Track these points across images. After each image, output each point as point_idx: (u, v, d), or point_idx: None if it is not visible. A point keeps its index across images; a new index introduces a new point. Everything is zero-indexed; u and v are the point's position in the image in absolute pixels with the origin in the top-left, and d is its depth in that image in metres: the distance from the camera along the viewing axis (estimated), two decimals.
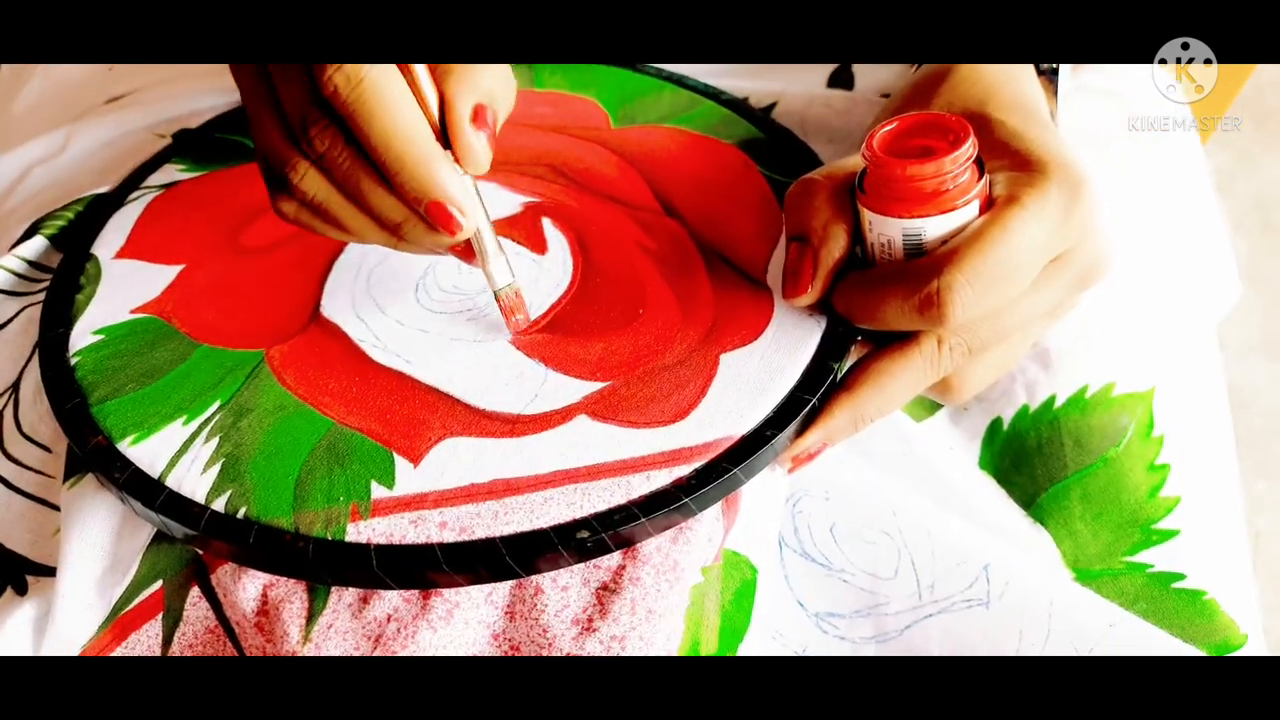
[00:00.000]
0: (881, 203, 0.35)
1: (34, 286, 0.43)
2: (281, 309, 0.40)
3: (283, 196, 0.35)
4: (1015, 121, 0.36)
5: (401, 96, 0.32)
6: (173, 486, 0.35)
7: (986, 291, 0.33)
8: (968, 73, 0.39)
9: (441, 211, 0.33)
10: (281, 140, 0.33)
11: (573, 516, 0.33)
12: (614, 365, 0.37)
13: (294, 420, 0.36)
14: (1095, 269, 0.35)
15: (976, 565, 0.37)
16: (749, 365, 0.37)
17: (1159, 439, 0.41)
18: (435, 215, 0.33)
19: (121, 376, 0.38)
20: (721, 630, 0.34)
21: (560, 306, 0.39)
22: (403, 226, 0.34)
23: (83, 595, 0.35)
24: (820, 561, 0.38)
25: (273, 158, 0.34)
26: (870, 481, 0.38)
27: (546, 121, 0.48)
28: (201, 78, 0.53)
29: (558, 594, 0.34)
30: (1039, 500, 0.40)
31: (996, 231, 0.33)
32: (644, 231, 0.42)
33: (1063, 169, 0.34)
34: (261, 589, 0.35)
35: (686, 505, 0.33)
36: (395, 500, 0.34)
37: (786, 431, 0.35)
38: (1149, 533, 0.40)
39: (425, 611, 0.33)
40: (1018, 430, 0.41)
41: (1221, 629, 0.39)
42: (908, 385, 0.36)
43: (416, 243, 0.35)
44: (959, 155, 0.33)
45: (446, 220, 0.33)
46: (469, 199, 0.33)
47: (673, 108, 0.48)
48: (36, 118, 0.56)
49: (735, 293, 0.39)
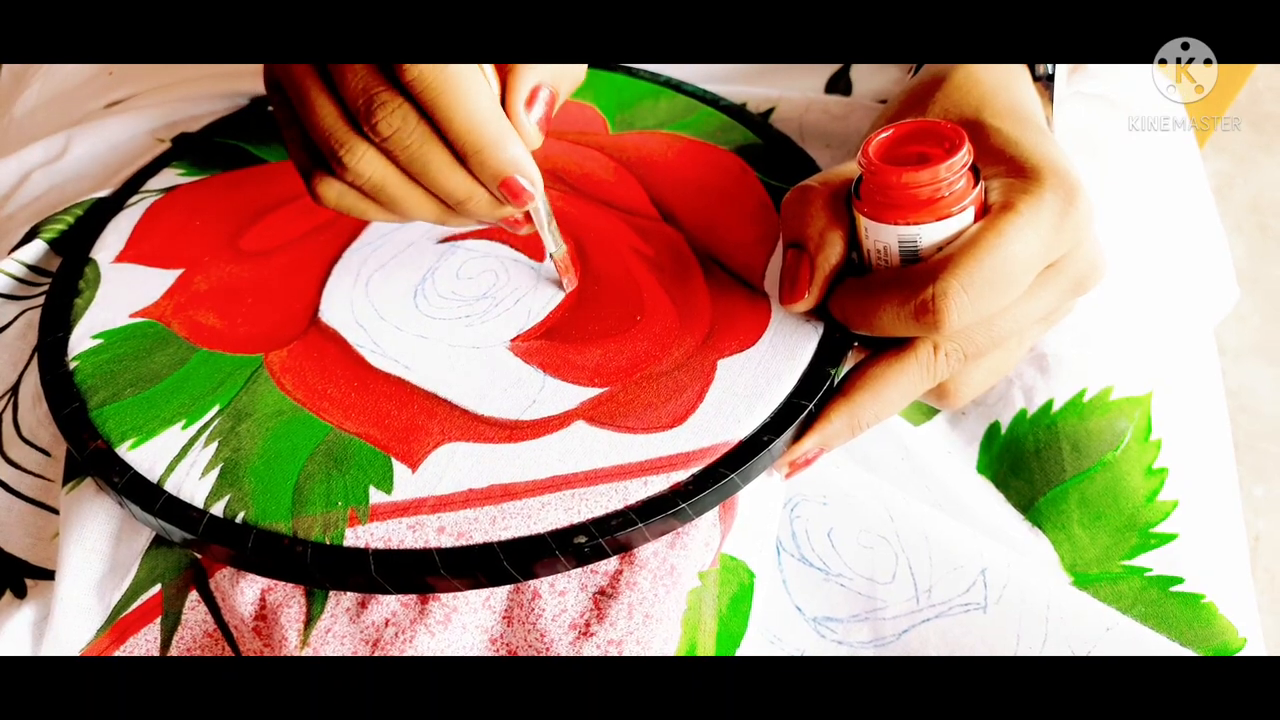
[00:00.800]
0: (877, 209, 0.35)
1: (33, 290, 0.44)
2: (280, 314, 0.40)
3: (325, 180, 0.36)
4: (1010, 128, 0.36)
5: (478, 82, 0.34)
6: (171, 491, 0.35)
7: (982, 297, 0.33)
8: (963, 79, 0.39)
9: (514, 185, 0.35)
10: (338, 123, 0.34)
11: (570, 522, 0.33)
12: (611, 371, 0.37)
13: (292, 425, 0.36)
14: (1090, 275, 0.36)
15: (974, 569, 0.37)
16: (746, 371, 0.37)
17: (1157, 443, 0.41)
18: (509, 189, 0.35)
19: (120, 381, 0.38)
20: (719, 635, 0.35)
21: (558, 313, 0.40)
22: (467, 202, 0.36)
23: (81, 599, 0.35)
24: (818, 566, 0.38)
25: (327, 140, 0.35)
26: (868, 486, 0.38)
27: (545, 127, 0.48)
28: (201, 82, 0.53)
29: (555, 599, 0.34)
30: (1037, 504, 0.40)
31: (992, 238, 0.33)
32: (641, 238, 0.42)
33: (1057, 175, 0.34)
34: (260, 593, 0.35)
35: (683, 510, 0.34)
36: (393, 505, 0.34)
37: (783, 437, 0.35)
38: (1147, 536, 0.40)
39: (423, 616, 0.33)
40: (1015, 435, 0.41)
41: (1220, 633, 0.40)
42: (904, 391, 0.36)
43: (477, 216, 0.37)
44: (954, 162, 0.33)
45: (518, 192, 0.35)
46: (538, 173, 0.36)
47: (670, 113, 0.48)
48: (37, 122, 0.56)
49: (732, 299, 0.39)
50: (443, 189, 0.35)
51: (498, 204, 0.36)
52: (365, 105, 0.34)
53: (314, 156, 0.36)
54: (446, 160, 0.35)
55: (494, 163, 0.35)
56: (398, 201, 0.36)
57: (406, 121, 0.34)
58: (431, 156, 0.35)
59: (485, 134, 0.34)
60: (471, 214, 0.37)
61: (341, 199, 0.36)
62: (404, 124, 0.34)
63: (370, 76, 0.34)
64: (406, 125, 0.34)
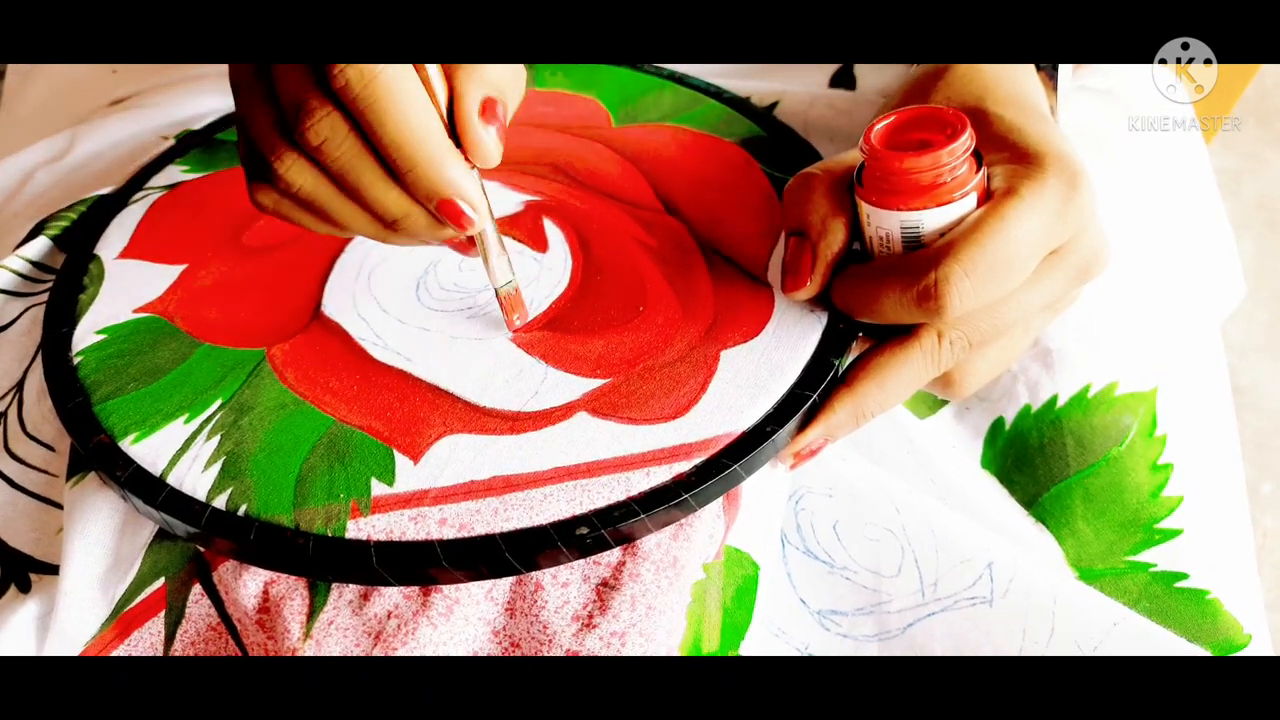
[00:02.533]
0: (879, 196, 0.35)
1: (38, 287, 0.44)
2: (283, 308, 0.40)
3: (262, 187, 0.34)
4: (1013, 115, 0.36)
5: (415, 93, 0.31)
6: (174, 484, 0.35)
7: (984, 283, 0.33)
8: (966, 69, 0.39)
9: (452, 208, 0.33)
10: (271, 129, 0.33)
11: (573, 513, 0.33)
12: (614, 362, 0.37)
13: (295, 418, 0.36)
14: (1094, 261, 0.35)
15: (980, 563, 0.37)
16: (749, 362, 0.37)
17: (1162, 438, 0.41)
18: (446, 212, 0.33)
19: (124, 375, 0.38)
20: (723, 627, 0.34)
21: (561, 304, 0.39)
22: (402, 221, 0.34)
23: (86, 592, 0.35)
24: (823, 559, 0.38)
25: (259, 146, 0.33)
26: (873, 479, 0.38)
27: (548, 121, 0.48)
28: (205, 80, 0.53)
29: (558, 590, 0.34)
30: (1041, 500, 0.40)
31: (994, 223, 0.33)
32: (644, 229, 0.42)
33: (1060, 161, 0.34)
34: (263, 586, 0.35)
35: (686, 501, 0.33)
36: (395, 497, 0.34)
37: (787, 428, 0.35)
38: (1152, 532, 0.40)
39: (425, 608, 0.33)
40: (1020, 430, 0.41)
41: (1225, 629, 0.39)
42: (908, 380, 0.36)
43: (414, 236, 0.35)
44: (956, 148, 0.33)
45: (457, 216, 0.33)
46: (479, 196, 0.33)
47: (674, 106, 0.48)
48: (41, 120, 0.56)
49: (736, 290, 0.39)
50: (375, 205, 0.33)
51: (437, 225, 0.34)
52: (294, 112, 0.31)
53: (253, 162, 0.34)
54: (379, 175, 0.32)
55: (427, 182, 0.32)
56: (331, 214, 0.34)
57: (335, 131, 0.31)
58: (363, 170, 0.32)
59: (420, 150, 0.31)
60: (409, 233, 0.34)
61: (278, 207, 0.34)
62: (332, 134, 0.31)
63: (302, 81, 0.31)
64: (335, 135, 0.31)
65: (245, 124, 0.33)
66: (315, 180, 0.33)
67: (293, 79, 0.32)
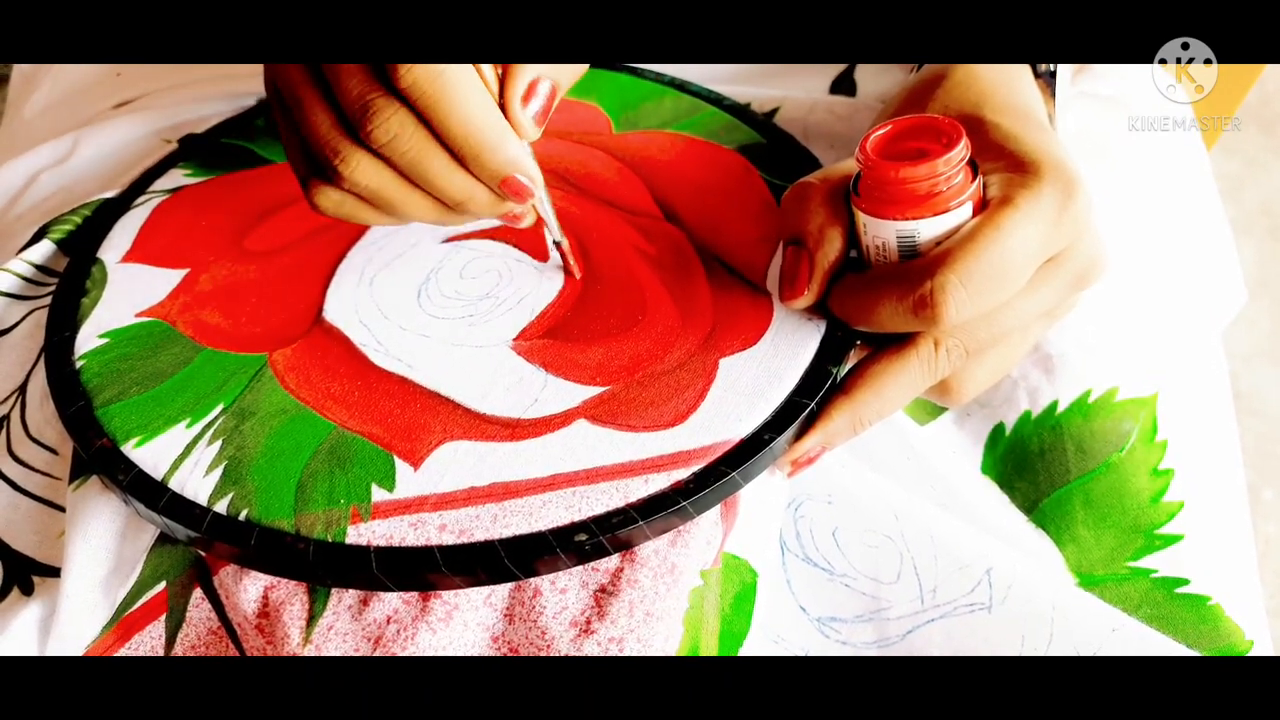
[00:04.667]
0: (876, 205, 0.35)
1: (41, 290, 0.44)
2: (285, 313, 0.40)
3: (323, 189, 0.36)
4: (1010, 123, 0.36)
5: (473, 83, 0.34)
6: (175, 489, 0.35)
7: (980, 291, 0.33)
8: (963, 76, 0.39)
9: (515, 184, 0.35)
10: (333, 131, 0.34)
11: (571, 519, 0.33)
12: (613, 370, 0.37)
13: (296, 424, 0.36)
14: (1091, 269, 0.35)
15: (979, 569, 0.37)
16: (748, 370, 0.37)
17: (1162, 444, 0.41)
18: (510, 188, 0.35)
19: (126, 380, 0.38)
20: (721, 634, 0.34)
21: (560, 312, 0.40)
22: (467, 203, 0.36)
23: (87, 596, 0.36)
24: (822, 566, 0.38)
25: (323, 148, 0.34)
26: (873, 485, 0.38)
27: (548, 127, 0.48)
28: (208, 83, 0.53)
29: (556, 596, 0.34)
30: (1041, 505, 0.40)
31: (990, 232, 0.33)
32: (644, 237, 0.42)
33: (1056, 169, 0.34)
34: (263, 590, 0.35)
35: (684, 508, 0.34)
36: (395, 503, 0.34)
37: (785, 435, 0.35)
38: (1152, 538, 0.40)
39: (425, 613, 0.34)
40: (1020, 436, 0.41)
41: (1226, 634, 0.39)
42: (905, 388, 0.36)
43: (478, 213, 0.37)
44: (952, 157, 0.33)
45: (519, 190, 0.35)
46: (536, 169, 0.36)
47: (674, 113, 0.48)
48: (45, 123, 0.56)
49: (734, 298, 0.39)
50: (443, 191, 0.35)
51: (498, 201, 0.36)
52: (361, 111, 0.33)
53: (311, 165, 0.36)
54: (445, 163, 0.35)
55: (493, 164, 0.35)
56: (396, 205, 0.36)
57: (404, 127, 0.33)
58: (431, 160, 0.34)
59: (484, 136, 0.34)
60: (472, 212, 0.37)
61: (340, 207, 0.36)
62: (401, 129, 0.33)
63: (366, 82, 0.33)
64: (404, 131, 0.33)
65: (299, 129, 0.35)
66: (382, 175, 0.35)
67: (354, 80, 0.33)
